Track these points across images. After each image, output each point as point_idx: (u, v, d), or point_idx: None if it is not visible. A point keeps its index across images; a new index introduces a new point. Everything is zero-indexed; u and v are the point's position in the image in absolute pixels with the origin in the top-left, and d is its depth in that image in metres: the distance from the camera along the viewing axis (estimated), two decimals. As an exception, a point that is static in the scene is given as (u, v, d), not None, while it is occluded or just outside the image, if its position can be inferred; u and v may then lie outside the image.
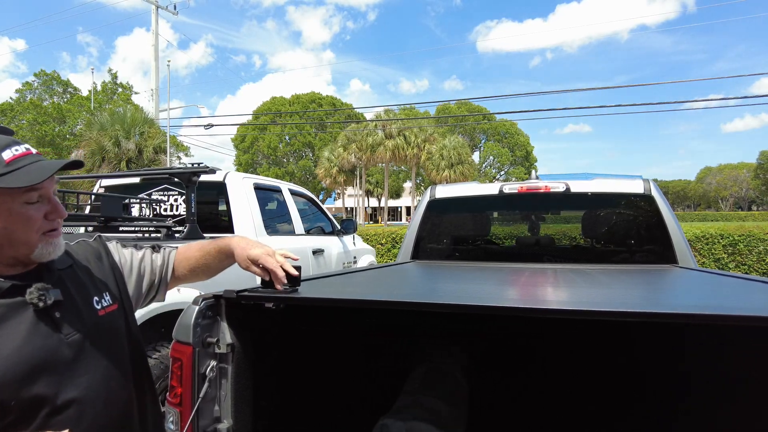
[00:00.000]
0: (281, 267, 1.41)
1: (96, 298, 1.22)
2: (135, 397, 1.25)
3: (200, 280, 1.50)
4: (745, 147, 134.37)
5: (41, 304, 1.07)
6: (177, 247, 1.49)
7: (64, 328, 1.11)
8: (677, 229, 3.21)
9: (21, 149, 1.08)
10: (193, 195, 3.62)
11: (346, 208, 54.61)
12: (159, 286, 1.43)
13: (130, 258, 1.39)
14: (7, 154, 1.05)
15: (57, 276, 1.17)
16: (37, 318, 1.07)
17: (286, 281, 1.43)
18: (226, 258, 1.47)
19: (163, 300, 1.47)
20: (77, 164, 1.17)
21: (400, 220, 63.48)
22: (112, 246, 1.38)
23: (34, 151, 1.12)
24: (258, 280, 1.49)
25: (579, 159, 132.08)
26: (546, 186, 3.48)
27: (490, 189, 3.70)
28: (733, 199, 78.04)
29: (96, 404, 1.12)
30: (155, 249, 1.45)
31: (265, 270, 1.42)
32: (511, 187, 3.59)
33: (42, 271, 1.14)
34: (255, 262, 1.41)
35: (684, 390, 2.09)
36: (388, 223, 42.86)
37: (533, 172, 4.03)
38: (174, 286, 1.47)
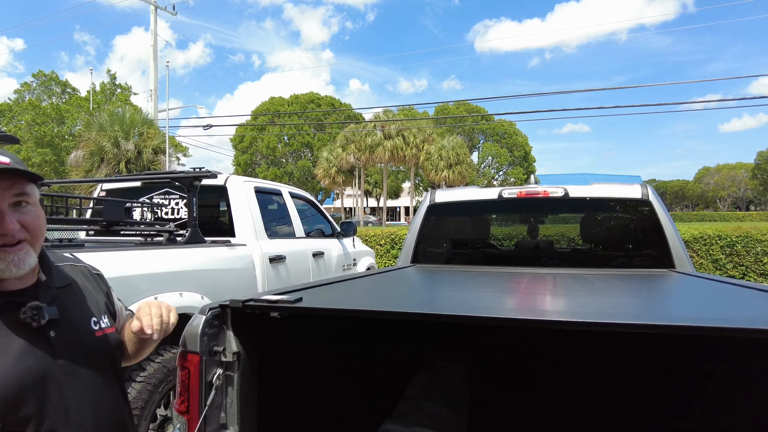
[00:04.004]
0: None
1: (94, 318, 1.20)
2: (123, 420, 1.23)
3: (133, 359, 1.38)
4: (742, 147, 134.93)
5: (35, 324, 1.05)
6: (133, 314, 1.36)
7: (57, 348, 1.08)
8: (674, 233, 3.25)
9: None
10: (194, 199, 3.65)
11: (345, 208, 54.61)
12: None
13: (117, 300, 1.38)
14: None
15: (54, 294, 1.13)
16: (31, 337, 1.04)
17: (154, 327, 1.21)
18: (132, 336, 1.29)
19: None
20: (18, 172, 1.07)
21: (399, 220, 63.50)
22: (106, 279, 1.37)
23: (6, 160, 1.05)
24: (260, 288, 1.52)
25: (577, 159, 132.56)
26: (545, 191, 3.51)
27: (490, 194, 3.73)
28: (731, 199, 78.22)
29: (85, 423, 1.10)
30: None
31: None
32: (511, 192, 3.62)
33: (39, 287, 1.11)
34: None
35: (681, 398, 2.12)
36: (387, 223, 42.87)
37: (532, 176, 4.06)
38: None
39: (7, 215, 1.04)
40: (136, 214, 4.40)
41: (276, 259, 4.16)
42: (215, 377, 1.45)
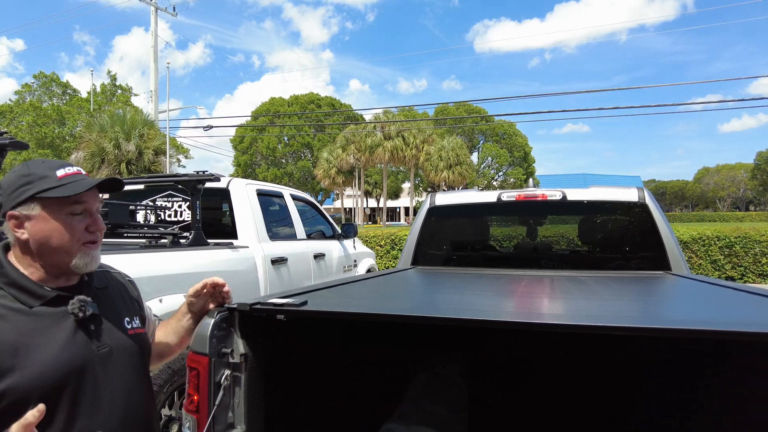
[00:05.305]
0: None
1: (127, 318, 1.35)
2: (150, 415, 1.36)
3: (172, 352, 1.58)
4: (742, 147, 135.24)
5: (81, 315, 1.19)
6: (161, 320, 1.65)
7: (96, 340, 1.23)
8: (670, 236, 3.30)
9: (72, 169, 1.26)
10: (198, 202, 3.70)
11: (345, 209, 54.66)
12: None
13: (147, 307, 1.56)
14: (60, 172, 1.23)
15: (94, 292, 1.29)
16: (76, 328, 1.19)
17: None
18: (183, 315, 1.56)
19: None
20: (116, 183, 1.32)
21: (399, 220, 63.50)
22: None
23: (83, 172, 1.29)
24: (262, 289, 1.57)
25: (577, 159, 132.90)
26: (543, 194, 3.56)
27: (489, 197, 3.78)
28: (730, 200, 78.30)
29: (114, 413, 1.22)
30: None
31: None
32: (509, 195, 3.67)
33: (82, 286, 1.27)
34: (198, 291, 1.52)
35: (680, 398, 2.17)
36: (387, 223, 42.93)
37: (531, 179, 4.11)
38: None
39: (99, 217, 1.28)
40: (140, 217, 4.44)
41: (278, 261, 4.20)
42: (223, 378, 1.50)
